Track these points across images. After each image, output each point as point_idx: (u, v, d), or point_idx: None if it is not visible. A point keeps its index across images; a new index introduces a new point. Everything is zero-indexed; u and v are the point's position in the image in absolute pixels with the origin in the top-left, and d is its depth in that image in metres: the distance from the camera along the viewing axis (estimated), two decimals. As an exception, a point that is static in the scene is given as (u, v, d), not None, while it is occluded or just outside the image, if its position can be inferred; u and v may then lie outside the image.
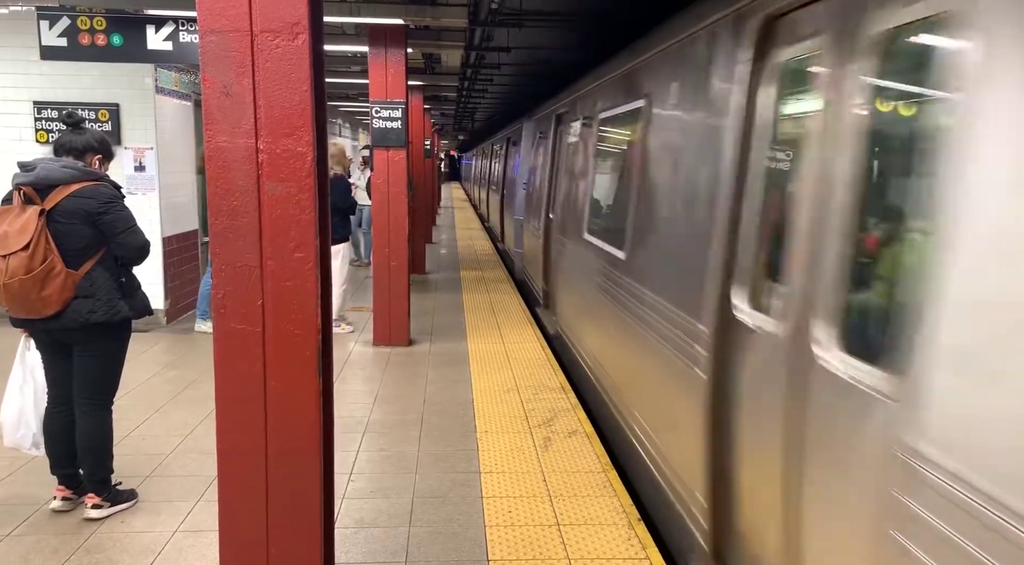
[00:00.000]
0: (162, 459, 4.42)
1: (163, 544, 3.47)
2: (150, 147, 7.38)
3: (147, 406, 5.29)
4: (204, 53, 2.31)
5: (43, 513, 3.74)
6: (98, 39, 6.10)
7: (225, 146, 2.33)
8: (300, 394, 2.46)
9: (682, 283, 3.56)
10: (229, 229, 2.36)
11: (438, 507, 3.86)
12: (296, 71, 2.32)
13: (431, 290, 10.27)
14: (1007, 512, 1.47)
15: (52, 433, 3.74)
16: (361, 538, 3.56)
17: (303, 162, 2.35)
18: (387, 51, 6.92)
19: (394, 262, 7.12)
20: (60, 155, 3.73)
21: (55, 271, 3.49)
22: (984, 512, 1.52)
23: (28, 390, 3.73)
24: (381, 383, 6.05)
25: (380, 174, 7.07)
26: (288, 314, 2.42)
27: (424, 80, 11.82)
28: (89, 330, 3.60)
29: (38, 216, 3.48)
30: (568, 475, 4.26)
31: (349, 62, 10.46)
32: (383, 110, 6.93)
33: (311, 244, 2.40)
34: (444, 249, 15.21)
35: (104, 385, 3.76)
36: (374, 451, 4.63)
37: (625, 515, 3.78)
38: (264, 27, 2.29)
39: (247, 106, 2.32)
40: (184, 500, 3.89)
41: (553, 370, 6.36)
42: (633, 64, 5.12)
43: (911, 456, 1.77)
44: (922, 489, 1.72)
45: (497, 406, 5.44)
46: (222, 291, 2.40)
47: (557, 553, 3.41)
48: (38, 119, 7.25)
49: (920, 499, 1.73)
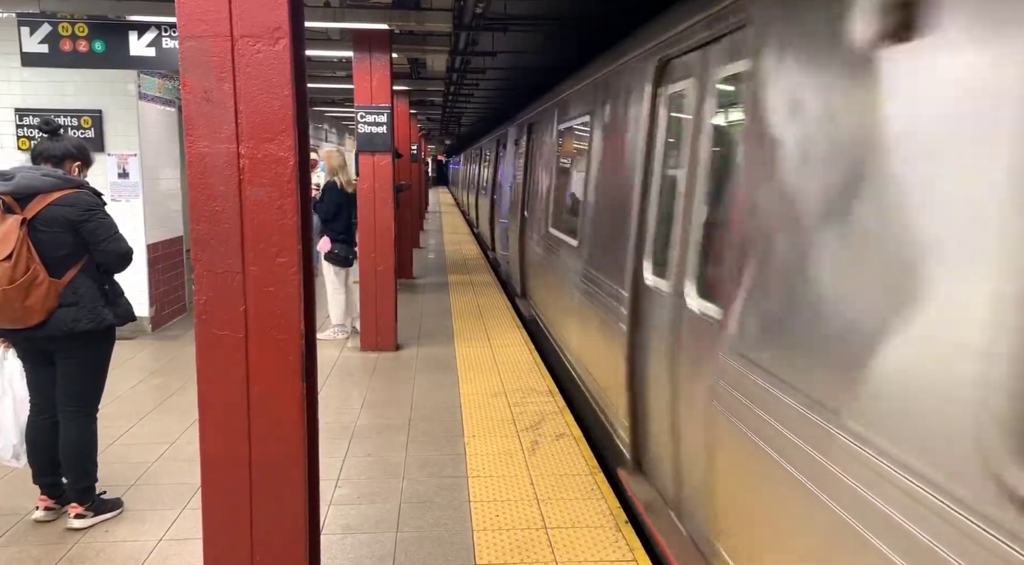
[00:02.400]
0: (147, 467, 4.38)
1: (148, 553, 3.44)
2: (134, 153, 7.34)
3: (132, 414, 5.25)
4: (184, 58, 2.30)
5: (25, 523, 3.71)
6: (80, 45, 6.07)
7: (206, 151, 2.32)
8: (284, 400, 2.45)
9: (614, 261, 4.53)
10: (210, 235, 2.35)
11: (425, 512, 3.85)
12: (277, 76, 2.31)
13: (419, 295, 10.26)
14: (773, 380, 2.39)
15: (35, 441, 3.71)
16: (348, 544, 3.54)
17: (285, 167, 2.34)
18: (371, 56, 6.91)
19: (381, 267, 7.10)
20: (39, 163, 3.70)
21: (38, 280, 3.47)
22: (759, 383, 2.47)
23: (7, 401, 3.69)
24: (368, 388, 6.03)
25: (366, 179, 7.05)
26: (271, 320, 2.40)
27: (410, 85, 11.82)
28: (73, 338, 3.58)
29: (19, 225, 3.46)
30: (555, 478, 4.25)
31: (335, 67, 10.44)
32: (368, 115, 6.92)
33: (294, 249, 2.39)
34: (432, 253, 15.19)
35: (88, 393, 3.73)
36: (361, 456, 4.62)
37: (613, 518, 3.78)
38: (244, 32, 2.29)
39: (228, 111, 2.31)
40: (169, 508, 3.86)
41: (541, 374, 6.36)
42: (582, 85, 6.19)
43: (726, 356, 2.74)
44: (729, 374, 2.73)
45: (484, 410, 5.44)
46: (204, 297, 2.38)
47: (545, 556, 3.41)
48: (19, 126, 7.19)
49: (727, 380, 2.74)
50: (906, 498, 1.73)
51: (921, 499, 1.68)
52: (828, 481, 2.04)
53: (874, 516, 1.84)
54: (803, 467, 2.17)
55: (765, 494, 2.47)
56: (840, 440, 1.99)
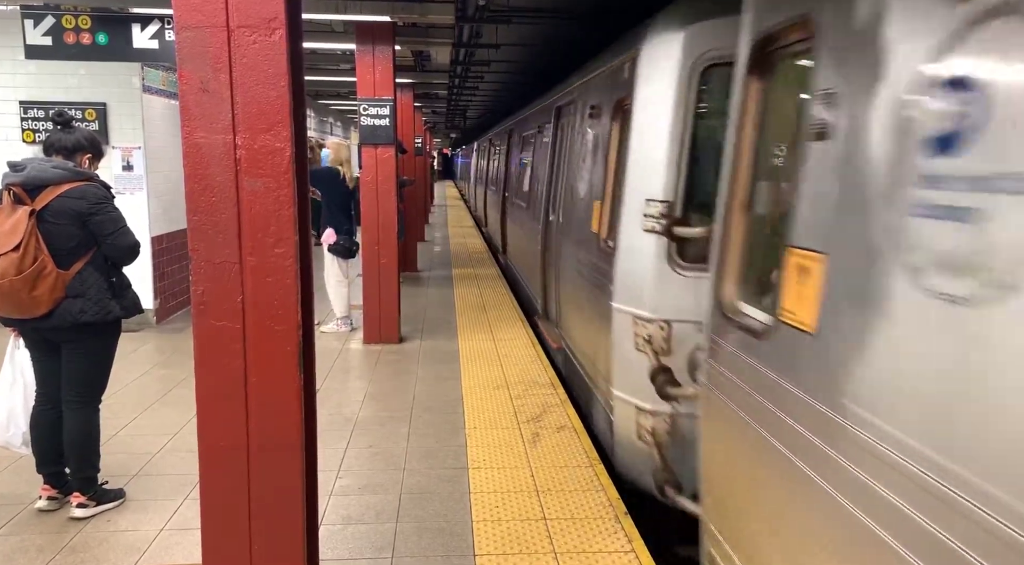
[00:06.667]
0: (150, 458, 4.41)
1: (149, 542, 3.47)
2: (138, 146, 7.36)
3: (136, 405, 5.28)
4: (180, 49, 2.31)
5: (29, 512, 3.74)
6: (83, 38, 6.07)
7: (202, 142, 2.32)
8: (281, 390, 2.46)
9: (537, 212, 6.19)
10: (208, 225, 2.36)
11: (425, 503, 3.87)
12: (273, 67, 2.31)
13: (423, 288, 10.27)
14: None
15: (39, 431, 3.74)
16: (348, 534, 3.56)
17: (281, 158, 2.35)
18: (374, 48, 6.90)
19: (384, 260, 7.11)
20: (50, 154, 3.72)
21: (46, 271, 3.49)
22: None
23: (18, 389, 3.72)
24: (371, 381, 6.05)
25: (369, 171, 7.06)
26: (268, 310, 2.41)
27: (414, 78, 11.81)
28: (79, 329, 3.60)
29: (28, 216, 3.48)
30: (555, 470, 4.26)
31: (338, 60, 10.45)
32: (371, 107, 6.92)
33: (291, 240, 2.39)
34: (437, 247, 15.20)
35: (92, 384, 3.76)
36: (362, 448, 4.63)
37: (612, 509, 3.79)
38: (241, 22, 2.29)
39: (224, 102, 2.31)
40: (171, 498, 3.88)
41: (543, 366, 6.37)
42: (534, 111, 7.95)
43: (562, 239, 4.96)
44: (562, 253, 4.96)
45: (486, 402, 5.45)
46: (201, 287, 2.39)
47: (544, 547, 3.42)
48: (24, 119, 7.22)
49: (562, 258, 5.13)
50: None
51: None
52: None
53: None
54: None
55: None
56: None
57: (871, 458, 1.65)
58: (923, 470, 1.49)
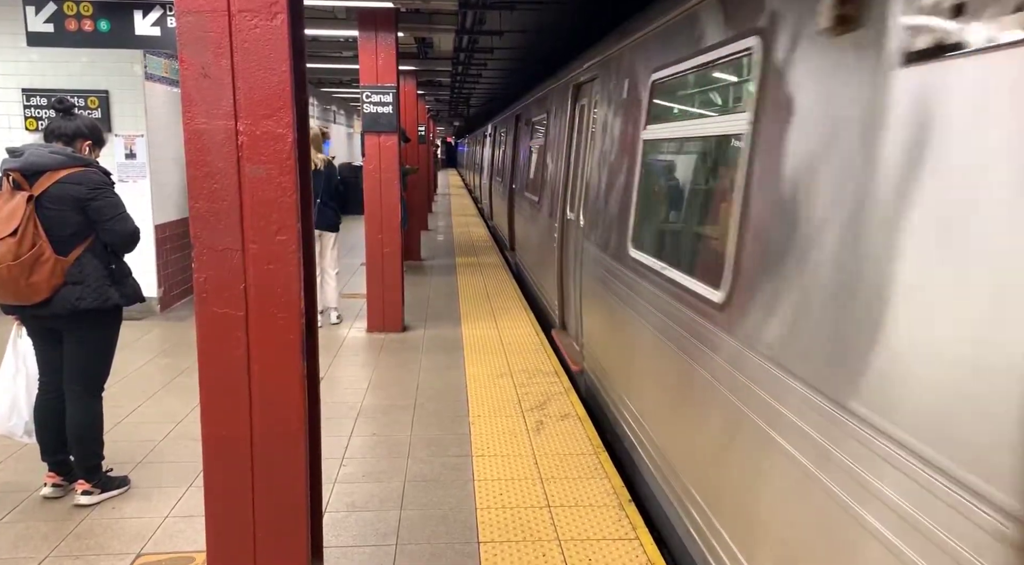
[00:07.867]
0: (154, 445, 4.42)
1: (154, 529, 3.47)
2: (140, 134, 7.35)
3: (140, 393, 5.29)
4: (181, 34, 2.29)
5: (34, 500, 3.75)
6: (85, 25, 6.05)
7: (204, 128, 2.31)
8: (284, 377, 2.45)
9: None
10: (209, 212, 2.34)
11: (429, 490, 3.87)
12: (275, 52, 2.29)
13: (426, 276, 10.26)
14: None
15: (42, 420, 3.74)
16: (352, 521, 3.56)
17: (284, 144, 2.33)
18: (377, 35, 6.86)
19: (387, 249, 7.09)
20: (50, 141, 3.70)
21: (44, 257, 3.47)
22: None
23: (20, 378, 3.72)
24: (375, 369, 6.05)
25: (372, 160, 7.03)
26: (271, 297, 2.40)
27: (417, 65, 11.74)
28: (78, 317, 3.59)
29: (26, 202, 3.46)
30: (560, 458, 4.26)
31: (341, 47, 10.39)
32: (374, 95, 6.89)
33: (293, 227, 2.38)
34: (440, 235, 15.18)
35: (95, 372, 3.75)
36: (366, 436, 4.64)
37: (616, 497, 3.79)
38: (242, 7, 2.27)
39: (226, 87, 2.29)
40: (175, 486, 3.89)
41: (547, 355, 6.36)
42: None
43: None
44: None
45: (490, 391, 5.44)
46: (203, 275, 2.38)
47: (547, 534, 3.42)
48: (27, 106, 7.20)
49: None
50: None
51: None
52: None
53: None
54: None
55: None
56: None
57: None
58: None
